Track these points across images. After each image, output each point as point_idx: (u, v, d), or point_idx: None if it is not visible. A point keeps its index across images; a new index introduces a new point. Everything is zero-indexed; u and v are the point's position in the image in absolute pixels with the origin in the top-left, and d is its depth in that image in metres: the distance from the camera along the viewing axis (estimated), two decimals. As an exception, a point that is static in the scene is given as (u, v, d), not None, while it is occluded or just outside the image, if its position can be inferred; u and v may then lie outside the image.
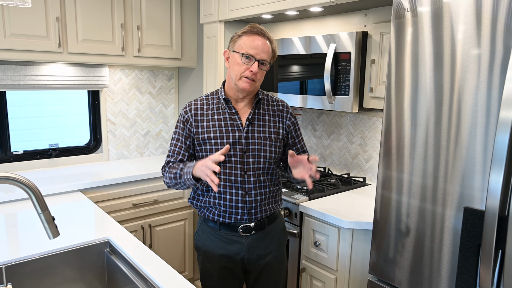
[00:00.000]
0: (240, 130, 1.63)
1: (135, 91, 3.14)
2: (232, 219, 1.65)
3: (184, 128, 1.67)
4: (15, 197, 2.16)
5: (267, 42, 1.60)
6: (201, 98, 1.71)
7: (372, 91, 2.07)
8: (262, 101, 1.70)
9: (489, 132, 1.25)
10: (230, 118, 1.64)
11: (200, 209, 1.72)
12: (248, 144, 1.63)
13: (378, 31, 2.02)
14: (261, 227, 1.68)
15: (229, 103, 1.66)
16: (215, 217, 1.66)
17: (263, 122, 1.68)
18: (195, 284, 3.07)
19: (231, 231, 1.67)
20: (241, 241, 1.67)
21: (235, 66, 1.59)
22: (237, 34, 1.63)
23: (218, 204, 1.65)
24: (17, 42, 2.31)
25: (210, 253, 1.70)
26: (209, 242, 1.70)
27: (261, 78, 1.63)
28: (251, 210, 1.64)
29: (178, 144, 1.68)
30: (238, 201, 1.63)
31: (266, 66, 1.61)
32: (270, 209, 1.70)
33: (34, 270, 1.51)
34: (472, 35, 1.26)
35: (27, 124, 2.77)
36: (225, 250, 1.68)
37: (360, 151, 2.51)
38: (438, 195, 1.39)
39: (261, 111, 1.69)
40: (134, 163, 2.98)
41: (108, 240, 1.67)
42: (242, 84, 1.58)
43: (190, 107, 1.68)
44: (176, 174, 1.61)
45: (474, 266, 1.28)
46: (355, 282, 1.91)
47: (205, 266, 1.74)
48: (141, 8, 2.78)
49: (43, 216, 1.10)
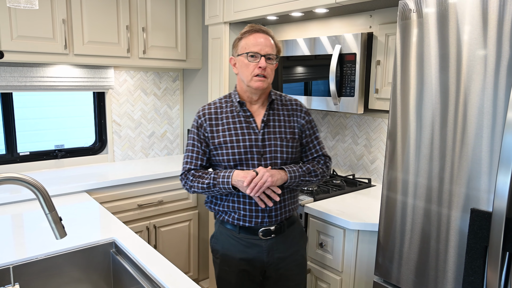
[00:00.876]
0: (256, 133, 1.62)
1: (140, 93, 3.15)
2: (252, 223, 1.62)
3: (198, 133, 1.66)
4: (21, 198, 2.18)
5: (268, 37, 1.59)
6: (214, 102, 1.70)
7: (377, 92, 2.06)
8: (275, 102, 1.69)
9: (495, 133, 1.24)
10: (245, 121, 1.63)
11: (218, 212, 1.70)
12: (264, 147, 1.62)
13: (384, 32, 2.02)
14: (281, 230, 1.66)
15: (244, 106, 1.64)
16: (235, 221, 1.64)
17: (278, 123, 1.66)
18: (200, 285, 3.07)
19: (250, 234, 1.64)
20: (261, 244, 1.65)
21: (243, 69, 1.59)
22: (237, 38, 1.63)
23: (237, 208, 1.63)
24: (24, 44, 2.32)
25: (228, 256, 1.68)
26: (227, 245, 1.68)
27: (272, 74, 1.61)
28: (271, 213, 1.62)
29: (195, 150, 1.67)
30: (258, 204, 1.61)
31: (273, 60, 1.60)
32: (289, 211, 1.69)
33: (41, 270, 1.52)
34: (478, 36, 1.26)
35: (33, 125, 2.79)
36: (245, 253, 1.65)
37: (365, 152, 2.51)
38: (444, 197, 1.39)
39: (276, 112, 1.67)
40: (139, 164, 3.00)
41: (113, 240, 1.68)
42: (255, 83, 1.57)
43: (203, 111, 1.67)
44: (210, 184, 1.60)
45: (481, 268, 1.28)
46: (360, 283, 1.91)
47: (222, 269, 1.71)
48: (146, 9, 2.79)
49: (51, 216, 1.11)
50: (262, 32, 1.60)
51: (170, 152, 3.40)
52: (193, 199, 2.93)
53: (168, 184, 2.77)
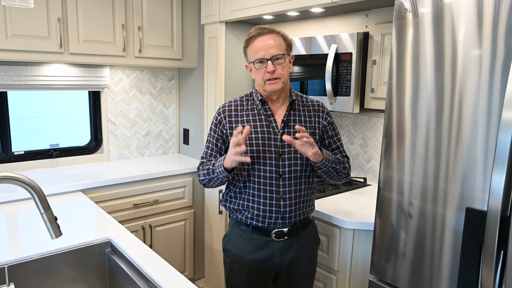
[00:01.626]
0: (275, 132, 1.61)
1: (135, 92, 3.14)
2: (265, 223, 1.62)
3: (216, 130, 1.67)
4: (16, 197, 2.16)
5: (272, 36, 1.57)
6: (235, 100, 1.70)
7: (373, 92, 2.07)
8: (296, 102, 1.68)
9: (490, 133, 1.25)
10: (265, 120, 1.63)
11: (232, 211, 1.69)
12: (283, 147, 1.60)
13: (379, 32, 2.03)
14: (294, 232, 1.65)
15: (266, 104, 1.64)
16: (248, 220, 1.63)
17: (299, 123, 1.65)
18: (196, 284, 3.07)
19: (263, 235, 1.64)
20: (273, 245, 1.64)
21: (256, 75, 1.61)
22: (244, 47, 1.64)
23: (251, 207, 1.62)
24: (19, 43, 2.31)
25: (240, 256, 1.67)
26: (240, 245, 1.67)
27: (284, 73, 1.59)
28: (285, 215, 1.61)
29: (210, 146, 1.69)
30: (272, 205, 1.60)
31: (282, 59, 1.57)
32: (304, 213, 1.67)
33: (36, 270, 1.51)
34: (474, 36, 1.26)
35: (28, 124, 2.77)
36: (257, 254, 1.65)
37: (361, 151, 2.52)
38: (439, 196, 1.39)
39: (296, 112, 1.66)
40: (134, 164, 2.99)
41: (109, 240, 1.67)
42: (269, 87, 1.58)
43: (224, 108, 1.68)
44: (209, 170, 1.62)
45: (476, 267, 1.29)
46: (356, 282, 1.91)
47: (233, 269, 1.70)
48: (142, 8, 2.78)
49: (46, 215, 1.11)
50: (265, 33, 1.57)
51: (166, 152, 3.39)
52: (188, 198, 2.93)
53: (163, 184, 2.77)
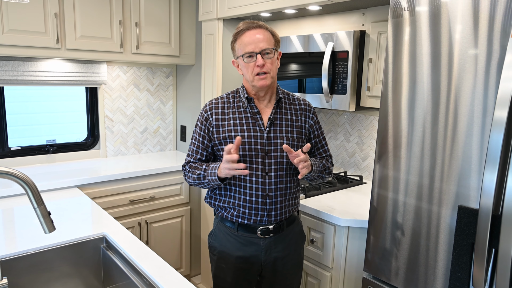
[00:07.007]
0: (261, 130, 1.61)
1: (133, 88, 3.14)
2: (251, 221, 1.62)
3: (202, 127, 1.66)
4: (12, 193, 2.17)
5: (261, 31, 1.56)
6: (222, 97, 1.69)
7: (369, 90, 2.07)
8: (283, 100, 1.68)
9: (485, 132, 1.26)
10: (251, 118, 1.62)
11: (217, 209, 1.69)
12: (270, 145, 1.60)
13: (376, 30, 2.03)
14: (279, 230, 1.66)
15: (252, 102, 1.64)
16: (233, 217, 1.63)
17: (285, 121, 1.65)
18: (192, 281, 3.07)
19: (249, 232, 1.64)
20: (259, 243, 1.64)
21: (244, 70, 1.59)
22: (232, 41, 1.62)
23: (237, 205, 1.62)
24: (15, 38, 2.30)
25: (226, 253, 1.67)
26: (225, 243, 1.67)
27: (273, 68, 1.59)
28: (270, 212, 1.61)
29: (196, 144, 1.68)
30: (258, 202, 1.60)
31: (272, 53, 1.57)
32: (290, 211, 1.67)
33: (30, 265, 1.52)
34: (469, 35, 1.27)
35: (25, 120, 2.77)
36: (242, 251, 1.65)
37: (357, 149, 2.52)
38: (434, 194, 1.40)
39: (283, 110, 1.66)
40: (131, 160, 2.99)
41: (104, 235, 1.68)
42: (258, 82, 1.57)
43: (210, 105, 1.66)
44: (200, 175, 1.60)
45: (467, 264, 1.29)
46: (350, 279, 1.92)
47: (219, 266, 1.71)
48: (140, 5, 2.78)
49: (39, 210, 1.11)
50: (254, 27, 1.56)
51: (163, 148, 3.39)
52: (185, 195, 2.93)
53: (160, 180, 2.77)
